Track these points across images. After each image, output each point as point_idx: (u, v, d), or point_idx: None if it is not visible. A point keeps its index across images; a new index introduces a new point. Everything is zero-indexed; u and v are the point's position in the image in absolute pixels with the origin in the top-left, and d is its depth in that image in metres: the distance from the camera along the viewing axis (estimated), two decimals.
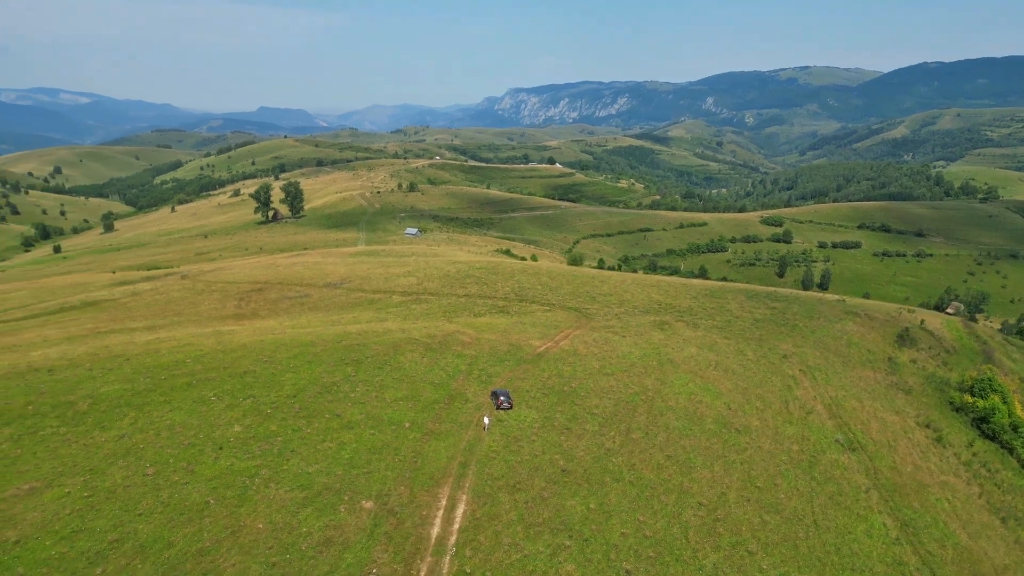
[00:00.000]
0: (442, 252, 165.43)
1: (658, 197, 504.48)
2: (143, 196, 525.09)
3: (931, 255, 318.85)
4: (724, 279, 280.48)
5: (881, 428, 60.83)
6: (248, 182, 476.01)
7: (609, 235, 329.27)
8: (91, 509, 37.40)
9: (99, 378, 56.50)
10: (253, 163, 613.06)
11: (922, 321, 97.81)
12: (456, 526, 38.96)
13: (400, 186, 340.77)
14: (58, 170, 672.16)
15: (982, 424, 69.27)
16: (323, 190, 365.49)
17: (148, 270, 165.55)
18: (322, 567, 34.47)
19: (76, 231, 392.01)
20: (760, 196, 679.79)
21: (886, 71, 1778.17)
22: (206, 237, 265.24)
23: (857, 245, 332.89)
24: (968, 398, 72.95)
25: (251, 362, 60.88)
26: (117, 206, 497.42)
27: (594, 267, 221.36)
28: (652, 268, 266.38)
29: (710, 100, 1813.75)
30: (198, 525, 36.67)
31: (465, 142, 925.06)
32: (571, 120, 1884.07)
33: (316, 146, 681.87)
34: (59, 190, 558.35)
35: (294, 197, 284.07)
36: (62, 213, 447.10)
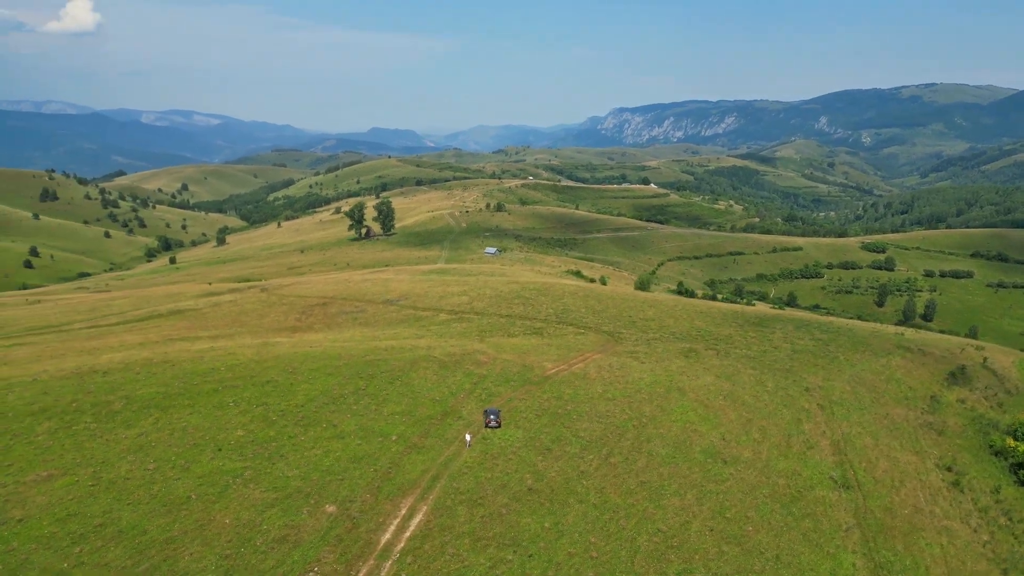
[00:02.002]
0: (509, 272, 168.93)
1: (756, 219, 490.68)
2: (256, 212, 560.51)
3: None
4: (816, 307, 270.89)
5: (890, 467, 58.66)
6: (351, 200, 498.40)
7: (696, 258, 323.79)
8: (90, 496, 42.51)
9: (141, 381, 62.84)
10: (358, 182, 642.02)
11: (985, 359, 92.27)
12: (407, 534, 41.53)
13: (488, 206, 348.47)
14: (185, 187, 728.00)
15: (1019, 470, 65.14)
16: (416, 209, 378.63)
17: (238, 282, 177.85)
18: (269, 562, 37.91)
19: (194, 244, 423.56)
20: (871, 220, 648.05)
21: (1022, 88, 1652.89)
22: (302, 252, 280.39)
23: (969, 275, 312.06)
24: (1011, 442, 68.75)
25: (276, 372, 65.84)
26: (233, 221, 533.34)
27: (671, 290, 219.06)
28: (738, 294, 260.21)
29: (823, 119, 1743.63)
30: (174, 517, 41.00)
31: (564, 162, 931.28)
32: (676, 140, 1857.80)
33: (417, 166, 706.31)
34: (183, 205, 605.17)
35: (386, 215, 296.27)
36: (183, 227, 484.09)
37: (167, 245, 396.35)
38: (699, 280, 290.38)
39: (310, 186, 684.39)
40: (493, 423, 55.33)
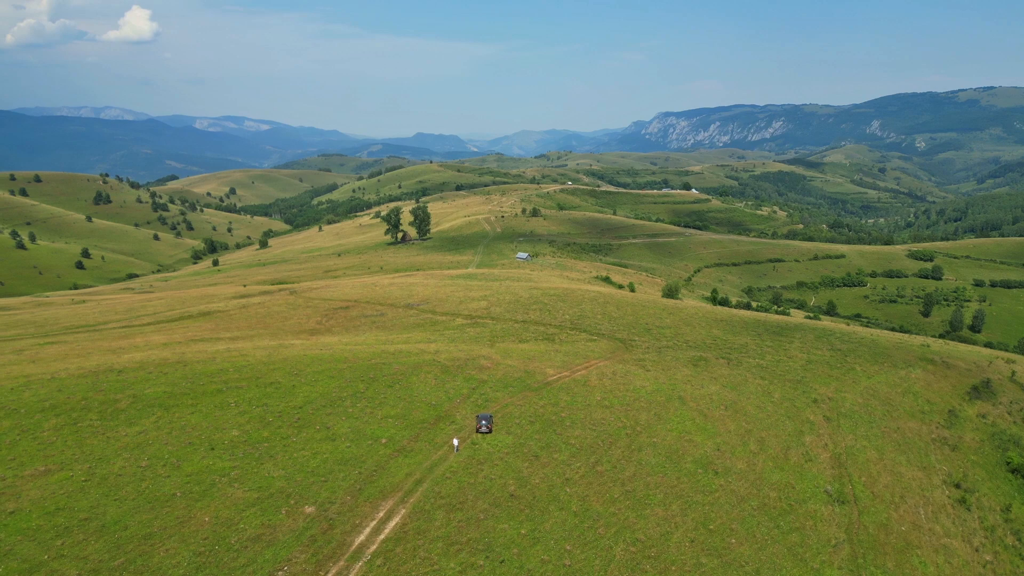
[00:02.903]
0: (536, 277, 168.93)
1: (800, 226, 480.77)
2: (300, 216, 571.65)
3: None
4: (857, 316, 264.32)
5: (892, 483, 57.00)
6: (392, 204, 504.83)
7: (735, 264, 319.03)
8: (80, 491, 44.03)
9: (151, 380, 64.71)
10: (399, 186, 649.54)
11: (1013, 373, 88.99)
12: (382, 537, 42.00)
13: (524, 211, 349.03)
14: (232, 191, 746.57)
15: None
16: (453, 214, 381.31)
17: (272, 285, 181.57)
18: (240, 560, 38.76)
19: (238, 246, 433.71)
20: (922, 227, 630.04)
21: None
22: (339, 256, 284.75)
23: (1021, 284, 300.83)
24: None
25: (282, 374, 67.17)
26: (277, 224, 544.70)
27: (705, 297, 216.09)
28: (776, 302, 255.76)
29: (876, 123, 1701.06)
30: (156, 513, 42.22)
31: (606, 167, 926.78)
32: (722, 144, 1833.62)
33: (458, 171, 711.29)
34: (231, 209, 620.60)
35: (422, 220, 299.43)
36: (229, 230, 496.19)
37: (212, 247, 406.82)
38: (736, 287, 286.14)
39: (353, 191, 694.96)
40: (484, 428, 55.56)
